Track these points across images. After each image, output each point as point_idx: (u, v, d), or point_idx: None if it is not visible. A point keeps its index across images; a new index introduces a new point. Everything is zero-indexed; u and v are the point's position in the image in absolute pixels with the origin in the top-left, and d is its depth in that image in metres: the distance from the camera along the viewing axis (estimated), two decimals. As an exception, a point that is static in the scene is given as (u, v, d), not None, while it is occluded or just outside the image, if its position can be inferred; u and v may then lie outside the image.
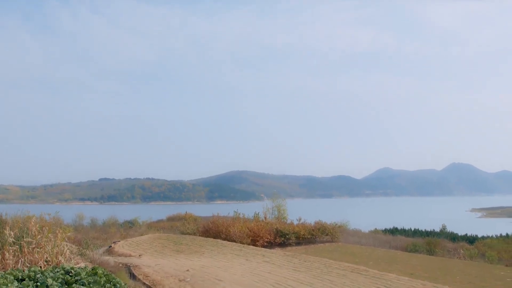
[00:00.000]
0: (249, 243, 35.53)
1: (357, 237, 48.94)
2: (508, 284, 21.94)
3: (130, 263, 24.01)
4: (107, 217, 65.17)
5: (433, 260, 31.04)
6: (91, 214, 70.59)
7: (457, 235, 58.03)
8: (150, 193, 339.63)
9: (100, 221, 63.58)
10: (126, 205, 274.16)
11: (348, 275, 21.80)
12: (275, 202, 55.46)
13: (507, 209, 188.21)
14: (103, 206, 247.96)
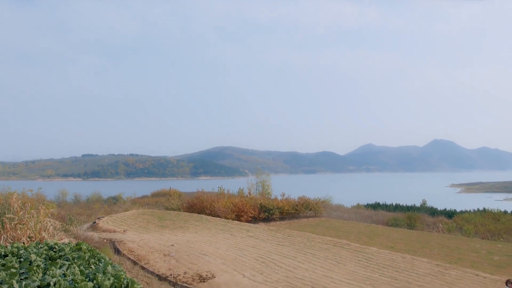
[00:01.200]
0: (233, 218, 35.85)
1: (340, 212, 49.77)
2: (483, 256, 22.70)
3: (115, 238, 24.07)
4: (91, 193, 64.89)
5: (413, 234, 31.83)
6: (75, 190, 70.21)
7: (437, 210, 59.47)
8: (134, 169, 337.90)
9: (83, 197, 63.31)
10: (110, 181, 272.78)
11: (331, 249, 22.28)
12: (259, 178, 55.87)
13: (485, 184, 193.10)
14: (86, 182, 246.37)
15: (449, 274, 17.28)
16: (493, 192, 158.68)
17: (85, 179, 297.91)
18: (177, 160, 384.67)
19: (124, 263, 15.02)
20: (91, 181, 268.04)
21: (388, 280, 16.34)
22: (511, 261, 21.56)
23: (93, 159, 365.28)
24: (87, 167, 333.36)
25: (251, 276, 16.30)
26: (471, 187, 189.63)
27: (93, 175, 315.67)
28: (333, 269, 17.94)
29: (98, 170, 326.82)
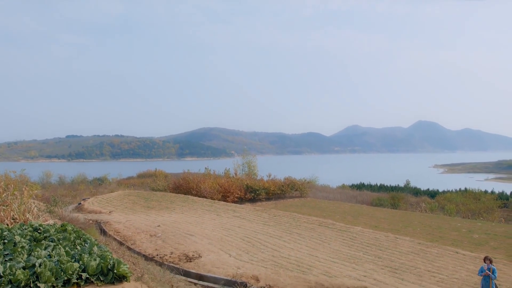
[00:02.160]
0: (219, 199, 35.99)
1: (325, 192, 50.33)
2: (463, 234, 23.29)
3: (101, 219, 24.00)
4: (76, 174, 64.34)
5: (396, 213, 32.42)
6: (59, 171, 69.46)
7: (420, 190, 60.60)
8: (119, 150, 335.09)
9: (68, 179, 62.76)
10: (95, 162, 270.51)
11: (316, 229, 22.59)
12: (246, 159, 55.98)
13: (467, 165, 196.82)
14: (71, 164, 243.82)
15: (431, 252, 17.71)
16: (474, 172, 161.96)
17: (70, 161, 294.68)
18: (163, 141, 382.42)
19: (110, 244, 15.00)
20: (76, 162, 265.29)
21: (372, 258, 16.68)
22: (489, 239, 22.17)
23: (77, 140, 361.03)
24: (71, 148, 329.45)
25: (237, 256, 16.48)
26: (453, 167, 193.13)
27: (77, 156, 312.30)
28: (318, 248, 18.23)
29: (83, 151, 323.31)
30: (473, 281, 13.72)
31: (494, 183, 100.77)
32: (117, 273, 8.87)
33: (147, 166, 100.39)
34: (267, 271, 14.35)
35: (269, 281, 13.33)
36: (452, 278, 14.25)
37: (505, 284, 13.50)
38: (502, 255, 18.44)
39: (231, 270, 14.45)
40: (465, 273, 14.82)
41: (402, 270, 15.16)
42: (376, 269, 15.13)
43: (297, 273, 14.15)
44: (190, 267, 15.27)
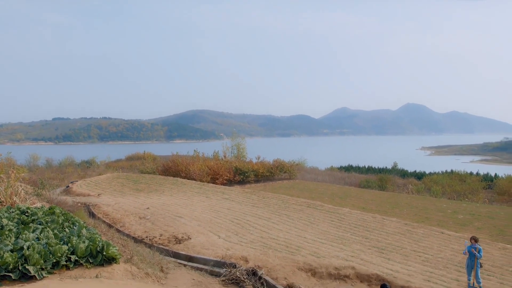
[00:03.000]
0: (208, 181, 36.05)
1: (314, 174, 50.67)
2: (448, 215, 23.72)
3: (89, 202, 23.92)
4: (63, 157, 63.77)
5: (384, 195, 32.83)
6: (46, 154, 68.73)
7: (407, 172, 61.37)
8: (107, 133, 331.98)
9: (56, 162, 62.18)
10: (83, 145, 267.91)
11: (304, 210, 22.80)
12: (235, 141, 55.95)
13: (453, 147, 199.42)
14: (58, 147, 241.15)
15: (417, 233, 18.03)
16: (461, 154, 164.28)
17: (57, 143, 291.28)
18: (152, 123, 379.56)
19: (99, 226, 15.00)
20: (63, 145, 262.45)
21: (359, 239, 16.94)
22: (474, 219, 22.62)
23: (64, 123, 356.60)
24: (58, 131, 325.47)
25: (226, 237, 16.60)
26: (440, 150, 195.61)
27: (65, 139, 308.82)
28: (306, 229, 18.44)
29: (70, 133, 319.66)
30: (457, 260, 14.04)
31: (479, 165, 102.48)
32: (106, 255, 8.90)
33: (135, 148, 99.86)
34: (256, 252, 14.50)
35: (258, 262, 13.48)
36: (437, 258, 14.56)
37: (488, 263, 13.85)
38: (485, 235, 18.86)
39: (220, 252, 14.57)
40: (450, 252, 15.15)
41: (389, 250, 15.44)
42: (363, 249, 15.38)
43: (285, 254, 14.33)
44: (180, 248, 15.36)
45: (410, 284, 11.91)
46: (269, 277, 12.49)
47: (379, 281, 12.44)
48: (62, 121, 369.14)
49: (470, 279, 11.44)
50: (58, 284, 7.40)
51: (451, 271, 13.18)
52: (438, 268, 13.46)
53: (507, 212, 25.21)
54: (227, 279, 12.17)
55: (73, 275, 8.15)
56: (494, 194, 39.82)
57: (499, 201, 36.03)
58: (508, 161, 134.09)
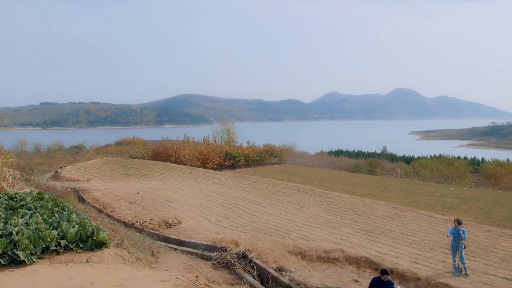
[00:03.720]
0: (199, 166, 36.04)
1: (304, 159, 50.90)
2: (436, 198, 24.06)
3: (79, 187, 23.81)
4: (52, 142, 63.12)
5: (373, 179, 33.14)
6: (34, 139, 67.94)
7: (396, 156, 61.93)
8: (96, 118, 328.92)
9: (44, 147, 61.57)
10: (71, 130, 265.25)
11: (294, 194, 22.96)
12: (225, 126, 55.88)
13: (442, 132, 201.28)
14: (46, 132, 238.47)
15: (405, 216, 18.29)
16: (449, 139, 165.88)
17: (45, 128, 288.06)
18: (141, 108, 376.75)
19: (89, 211, 14.95)
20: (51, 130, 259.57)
21: (349, 222, 17.13)
22: (461, 202, 22.98)
23: (52, 108, 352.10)
24: (46, 116, 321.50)
25: (216, 221, 16.68)
26: (429, 134, 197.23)
27: (53, 124, 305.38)
28: (296, 213, 18.59)
29: (58, 118, 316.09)
30: (443, 242, 14.29)
31: (467, 149, 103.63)
32: (96, 239, 8.90)
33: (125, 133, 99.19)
34: (246, 236, 14.61)
35: (249, 246, 13.59)
36: (424, 240, 14.81)
37: (473, 244, 14.12)
38: (472, 217, 19.20)
39: (210, 236, 14.65)
40: (437, 235, 15.41)
41: (377, 233, 15.65)
42: (352, 233, 15.57)
43: (275, 238, 14.46)
44: (170, 233, 15.41)
45: (398, 266, 12.12)
46: (259, 260, 12.61)
47: (367, 263, 12.64)
48: (50, 106, 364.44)
49: (455, 260, 11.68)
50: (48, 269, 7.40)
51: (437, 253, 13.42)
52: (425, 250, 13.70)
53: (493, 196, 25.65)
54: (217, 263, 12.26)
55: (63, 260, 8.15)
56: (480, 178, 40.44)
57: (485, 184, 36.61)
58: (495, 145, 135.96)
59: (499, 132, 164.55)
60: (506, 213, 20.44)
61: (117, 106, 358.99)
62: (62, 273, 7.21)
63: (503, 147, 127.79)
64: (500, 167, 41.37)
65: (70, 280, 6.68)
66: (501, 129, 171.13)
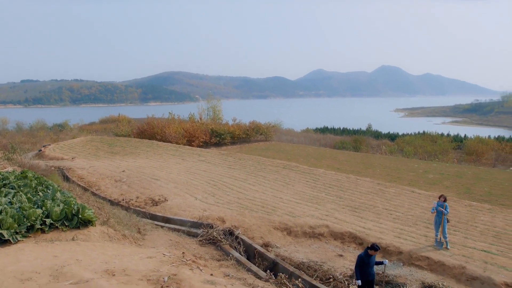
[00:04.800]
0: (184, 144, 35.92)
1: (289, 136, 51.10)
2: (420, 174, 24.47)
3: (63, 166, 23.57)
4: (34, 121, 62.15)
5: (358, 156, 33.47)
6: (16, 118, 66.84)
7: (381, 133, 62.59)
8: (79, 95, 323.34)
9: (26, 125, 60.63)
10: (54, 108, 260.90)
11: (280, 171, 23.11)
12: (210, 103, 55.55)
13: (426, 109, 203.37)
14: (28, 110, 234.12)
15: (389, 192, 18.60)
16: (433, 116, 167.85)
17: (27, 106, 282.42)
18: (125, 85, 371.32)
19: (74, 189, 14.85)
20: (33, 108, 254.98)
21: (334, 198, 17.36)
22: (443, 178, 23.42)
23: (33, 85, 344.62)
24: (27, 94, 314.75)
25: (203, 199, 16.75)
26: (413, 111, 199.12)
27: (35, 102, 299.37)
28: (282, 190, 18.75)
29: (41, 96, 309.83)
30: (426, 217, 14.61)
31: (450, 126, 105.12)
32: (82, 218, 8.87)
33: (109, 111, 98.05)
34: (233, 212, 14.72)
35: (235, 222, 13.71)
36: (407, 215, 15.12)
37: (454, 219, 14.47)
38: (453, 193, 19.61)
39: (197, 213, 14.73)
40: (420, 210, 15.74)
41: (362, 209, 15.92)
42: (337, 209, 15.80)
43: (261, 214, 14.60)
44: (157, 210, 15.44)
45: (382, 240, 12.37)
46: (245, 236, 12.76)
47: (352, 238, 12.88)
48: (31, 83, 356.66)
49: (437, 235, 11.98)
50: (34, 247, 7.37)
51: (420, 228, 13.73)
52: (408, 225, 14.00)
53: (474, 172, 26.19)
54: (204, 239, 12.36)
55: (49, 238, 8.12)
56: (463, 154, 41.20)
57: (467, 161, 37.32)
58: (477, 122, 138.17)
59: (482, 109, 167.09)
60: (486, 189, 20.93)
61: (101, 84, 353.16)
62: (48, 251, 7.19)
63: (485, 124, 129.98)
64: (482, 144, 42.16)
65: (56, 258, 6.68)
66: (483, 107, 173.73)
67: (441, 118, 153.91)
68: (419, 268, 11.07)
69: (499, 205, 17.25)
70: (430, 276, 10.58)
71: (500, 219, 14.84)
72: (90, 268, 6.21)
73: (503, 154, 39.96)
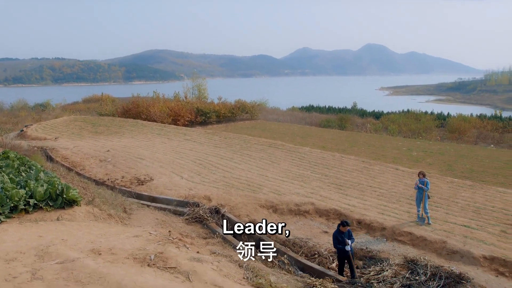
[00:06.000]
0: (170, 123, 35.67)
1: (275, 114, 51.08)
2: (403, 152, 24.83)
3: (46, 146, 23.25)
4: (15, 100, 60.95)
5: (343, 134, 33.74)
6: (-5, 97, 65.34)
7: (366, 111, 62.96)
8: (61, 74, 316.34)
9: (7, 105, 59.43)
10: (36, 87, 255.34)
11: (266, 150, 23.17)
12: (195, 82, 55.07)
13: (411, 87, 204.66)
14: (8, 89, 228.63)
15: (373, 169, 18.84)
16: (417, 94, 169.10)
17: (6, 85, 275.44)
18: (108, 64, 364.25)
19: (57, 170, 14.69)
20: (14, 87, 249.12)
21: (319, 176, 17.53)
22: (426, 156, 23.81)
23: (13, 64, 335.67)
24: (7, 72, 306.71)
25: (189, 178, 16.75)
26: (398, 90, 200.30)
27: (15, 81, 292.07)
28: (268, 168, 18.84)
29: (21, 75, 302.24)
30: (409, 194, 14.88)
31: (434, 105, 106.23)
32: (66, 198, 8.81)
33: (92, 90, 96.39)
34: (219, 191, 14.78)
35: (221, 201, 13.78)
36: (391, 192, 15.38)
37: (436, 195, 14.77)
38: (436, 170, 19.99)
39: (183, 192, 14.75)
40: (403, 187, 16.01)
41: (347, 186, 16.12)
42: (322, 186, 15.98)
43: (247, 192, 14.69)
44: (142, 190, 15.41)
45: (365, 217, 12.60)
46: (232, 214, 12.85)
47: (336, 215, 13.08)
48: (10, 61, 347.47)
49: (419, 211, 12.24)
50: (18, 228, 7.32)
51: (403, 204, 14.00)
52: (392, 202, 14.26)
53: (456, 149, 26.67)
54: (190, 218, 12.42)
55: (33, 219, 8.06)
56: (446, 132, 41.82)
57: (450, 138, 37.91)
58: (460, 100, 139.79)
59: (465, 88, 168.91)
60: (468, 165, 21.36)
61: (83, 62, 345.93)
62: (33, 231, 7.16)
63: (468, 102, 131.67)
64: (464, 122, 42.83)
65: (41, 238, 6.65)
66: (466, 85, 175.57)
67: (425, 97, 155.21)
68: (401, 243, 11.33)
69: (479, 181, 17.66)
70: (412, 250, 10.85)
71: (480, 195, 15.20)
72: (76, 248, 6.21)
73: (485, 132, 40.69)
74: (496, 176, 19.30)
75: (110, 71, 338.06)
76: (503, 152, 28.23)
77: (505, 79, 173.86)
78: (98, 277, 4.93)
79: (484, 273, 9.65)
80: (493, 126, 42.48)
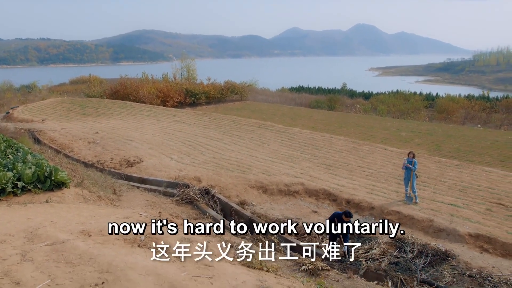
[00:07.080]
0: (159, 104, 35.40)
1: (265, 95, 50.94)
2: (392, 132, 25.01)
3: (33, 128, 22.97)
4: (0, 82, 59.86)
5: (332, 115, 33.83)
6: (-20, 79, 64.05)
7: (355, 92, 63.05)
8: (47, 55, 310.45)
9: (-9, 87, 58.34)
10: (21, 68, 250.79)
11: (256, 130, 23.17)
12: (184, 63, 54.49)
13: (400, 68, 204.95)
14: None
15: (362, 150, 18.98)
16: (406, 75, 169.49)
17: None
18: (95, 44, 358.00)
19: (45, 152, 14.55)
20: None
21: (309, 157, 17.62)
22: (415, 136, 24.03)
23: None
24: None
25: (178, 159, 16.73)
26: (387, 70, 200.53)
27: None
28: (257, 149, 18.88)
29: (5, 56, 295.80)
30: (397, 174, 15.05)
31: (422, 85, 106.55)
32: (55, 180, 8.75)
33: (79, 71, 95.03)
34: (209, 172, 14.80)
35: (211, 181, 13.82)
36: (379, 172, 15.53)
37: (424, 175, 14.96)
38: (424, 150, 20.21)
39: (173, 173, 14.74)
40: (392, 167, 16.18)
41: (336, 166, 16.24)
42: (312, 167, 16.07)
43: (237, 173, 14.73)
44: (132, 171, 15.37)
45: (354, 196, 12.74)
46: (222, 195, 12.91)
47: (326, 195, 13.20)
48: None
49: (407, 190, 12.41)
50: (6, 210, 7.27)
51: (391, 184, 14.17)
52: (380, 182, 14.42)
53: (444, 129, 26.94)
54: (180, 199, 12.45)
55: (22, 201, 8.01)
56: (434, 112, 42.12)
57: (438, 119, 38.23)
58: (449, 81, 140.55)
59: (454, 68, 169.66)
60: (455, 145, 21.62)
61: (70, 43, 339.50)
62: (22, 213, 7.11)
63: (456, 83, 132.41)
64: (452, 102, 43.15)
65: (31, 220, 6.62)
66: (455, 65, 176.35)
67: (414, 77, 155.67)
68: (390, 222, 11.50)
69: (466, 161, 17.92)
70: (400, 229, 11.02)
71: (467, 174, 15.44)
72: (65, 230, 6.19)
73: (472, 112, 41.07)
74: (482, 156, 19.59)
75: (97, 51, 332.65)
76: (490, 132, 28.60)
77: (493, 60, 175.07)
78: (89, 258, 4.93)
79: (469, 250, 9.87)
80: (480, 107, 42.85)
